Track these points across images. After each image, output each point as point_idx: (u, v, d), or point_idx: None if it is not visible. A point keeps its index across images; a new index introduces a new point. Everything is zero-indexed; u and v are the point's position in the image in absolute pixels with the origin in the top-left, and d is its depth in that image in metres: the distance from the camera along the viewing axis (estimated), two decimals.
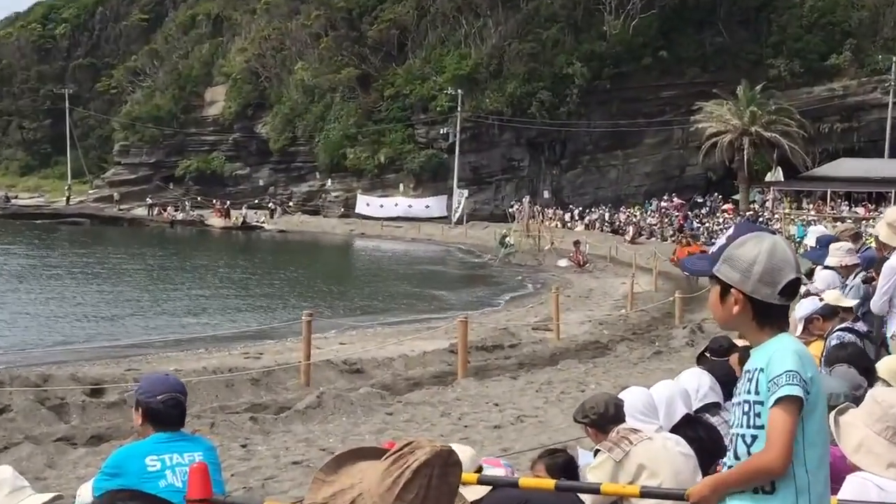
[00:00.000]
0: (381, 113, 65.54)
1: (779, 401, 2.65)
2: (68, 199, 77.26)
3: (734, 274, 2.78)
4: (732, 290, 2.79)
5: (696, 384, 5.23)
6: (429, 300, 28.13)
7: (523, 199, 49.01)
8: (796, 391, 2.64)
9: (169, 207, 68.53)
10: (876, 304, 6.70)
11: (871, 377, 4.76)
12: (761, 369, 2.72)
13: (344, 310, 25.30)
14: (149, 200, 69.55)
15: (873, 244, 7.92)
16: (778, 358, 2.70)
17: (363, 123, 65.51)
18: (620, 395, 4.74)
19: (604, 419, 4.47)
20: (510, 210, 51.93)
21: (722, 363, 5.91)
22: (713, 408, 5.22)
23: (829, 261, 8.06)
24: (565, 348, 17.36)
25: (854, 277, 7.67)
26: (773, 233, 2.94)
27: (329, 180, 67.98)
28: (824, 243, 8.44)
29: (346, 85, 67.11)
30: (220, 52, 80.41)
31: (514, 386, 13.58)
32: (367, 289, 30.89)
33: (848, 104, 59.65)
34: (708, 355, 6.31)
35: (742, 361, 4.14)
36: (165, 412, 4.20)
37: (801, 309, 6.73)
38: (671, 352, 16.13)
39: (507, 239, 42.66)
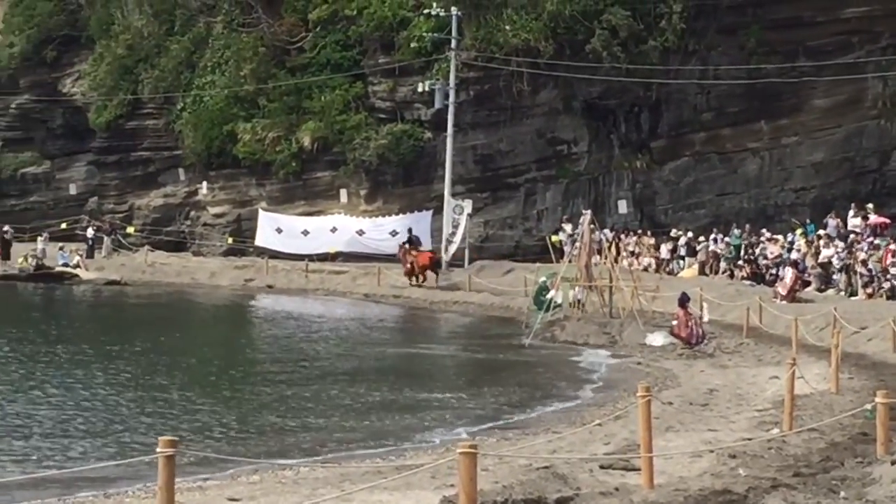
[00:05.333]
0: (304, 54, 53.78)
1: None
2: None
3: None
4: None
5: None
6: (401, 413, 22.35)
7: (580, 218, 39.23)
8: None
9: None
10: None
11: None
12: None
13: (238, 436, 19.80)
14: None
15: None
16: None
17: (268, 74, 53.85)
18: None
19: None
20: (555, 238, 46.39)
21: None
22: None
23: None
24: None
25: None
26: None
27: (204, 184, 56.66)
28: None
29: (235, 1, 55.94)
30: None
31: None
32: (282, 394, 24.87)
33: None
34: None
35: None
36: None
37: None
38: None
39: (551, 293, 35.49)
